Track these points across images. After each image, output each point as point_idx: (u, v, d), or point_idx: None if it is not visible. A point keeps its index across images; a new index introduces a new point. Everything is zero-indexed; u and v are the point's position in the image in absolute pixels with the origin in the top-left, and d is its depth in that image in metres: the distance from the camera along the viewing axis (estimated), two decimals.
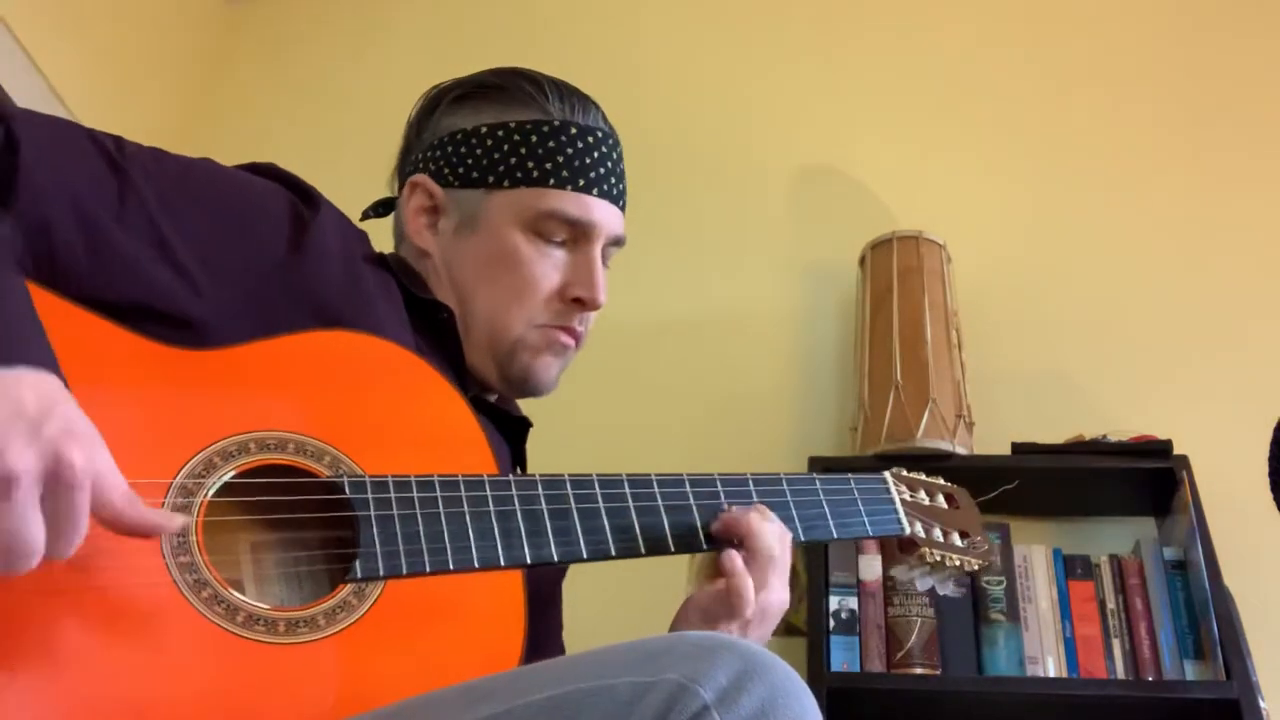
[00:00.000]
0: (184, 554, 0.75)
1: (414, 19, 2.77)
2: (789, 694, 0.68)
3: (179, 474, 0.78)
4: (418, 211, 1.15)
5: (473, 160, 1.12)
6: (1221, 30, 2.47)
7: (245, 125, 2.65)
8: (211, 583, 0.75)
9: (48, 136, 0.83)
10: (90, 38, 2.39)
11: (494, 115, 1.13)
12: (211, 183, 0.95)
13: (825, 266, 2.31)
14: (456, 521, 0.86)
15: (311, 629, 0.77)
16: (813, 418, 2.17)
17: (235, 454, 0.81)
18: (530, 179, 1.10)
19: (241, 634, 0.75)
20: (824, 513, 1.08)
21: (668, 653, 0.69)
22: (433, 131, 1.18)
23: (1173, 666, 1.75)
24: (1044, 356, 2.17)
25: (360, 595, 0.81)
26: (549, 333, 1.12)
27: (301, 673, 0.76)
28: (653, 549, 0.96)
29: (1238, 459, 1.77)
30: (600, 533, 0.93)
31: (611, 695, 0.66)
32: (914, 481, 1.22)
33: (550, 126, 1.12)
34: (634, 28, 2.67)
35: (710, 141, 2.49)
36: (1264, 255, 2.22)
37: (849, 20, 2.60)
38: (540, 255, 1.10)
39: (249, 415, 0.82)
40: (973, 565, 1.18)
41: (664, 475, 1.00)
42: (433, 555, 0.84)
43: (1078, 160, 2.37)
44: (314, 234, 0.96)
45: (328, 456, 0.84)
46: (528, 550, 0.88)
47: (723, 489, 1.03)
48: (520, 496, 0.90)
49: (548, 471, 0.96)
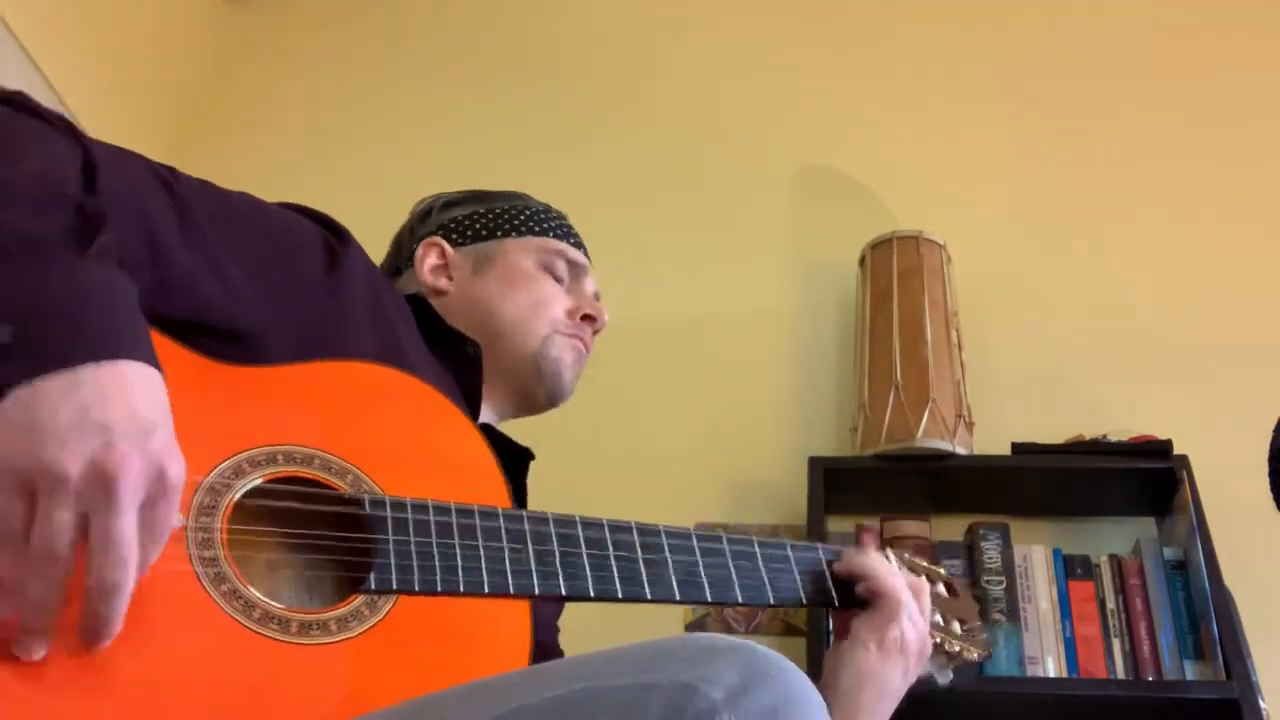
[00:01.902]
0: (208, 548, 0.78)
1: (415, 19, 2.77)
2: (798, 698, 0.68)
3: (209, 474, 0.81)
4: (435, 269, 1.28)
5: (480, 224, 1.30)
6: (1222, 30, 2.47)
7: (245, 125, 2.65)
8: (231, 578, 0.78)
9: (112, 157, 0.86)
10: (90, 38, 2.39)
11: (486, 205, 1.32)
12: (254, 209, 1.00)
13: (825, 266, 2.31)
14: (469, 547, 0.89)
15: (323, 632, 0.80)
16: (813, 418, 2.17)
17: (264, 463, 0.84)
18: (534, 231, 1.29)
19: (256, 630, 0.77)
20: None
21: (677, 653, 0.69)
22: (427, 228, 1.32)
23: (1173, 666, 1.75)
24: (1044, 356, 2.17)
25: (372, 606, 0.83)
26: (568, 338, 1.26)
27: (311, 673, 0.78)
28: (659, 598, 0.99)
29: (1238, 459, 1.77)
30: (606, 570, 0.96)
31: (620, 695, 0.66)
32: (916, 565, 1.21)
33: (536, 207, 1.33)
34: (634, 31, 2.67)
35: (710, 142, 2.49)
36: (1264, 255, 2.22)
37: (849, 21, 2.61)
38: (550, 283, 1.27)
39: (279, 429, 0.86)
40: (972, 654, 1.17)
41: (672, 528, 1.02)
42: (444, 575, 0.87)
43: (1078, 160, 2.37)
44: (345, 266, 1.02)
45: (350, 475, 0.88)
46: (536, 582, 0.91)
47: (760, 550, 1.06)
48: (533, 532, 0.94)
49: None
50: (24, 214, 0.72)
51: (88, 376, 0.68)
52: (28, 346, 0.67)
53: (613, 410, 2.18)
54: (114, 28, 2.47)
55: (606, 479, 2.08)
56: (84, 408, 0.66)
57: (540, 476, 1.19)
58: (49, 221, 0.73)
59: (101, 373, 0.68)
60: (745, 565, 1.03)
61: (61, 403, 0.66)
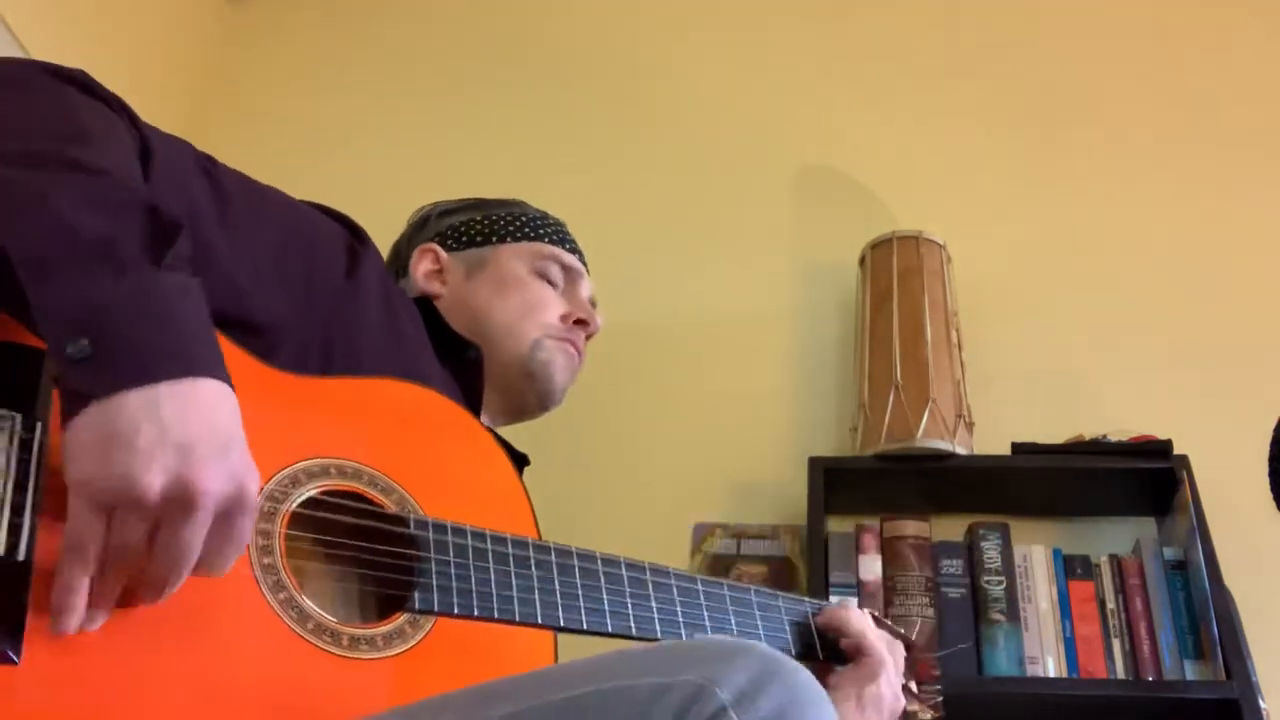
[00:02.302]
0: (267, 555, 0.81)
1: (415, 19, 2.77)
2: (807, 699, 0.68)
3: (269, 482, 0.83)
4: (429, 274, 1.29)
5: (475, 230, 1.31)
6: (1223, 30, 2.47)
7: (245, 125, 2.65)
8: (289, 586, 0.81)
9: (163, 144, 0.88)
10: (90, 38, 2.39)
11: (483, 213, 1.35)
12: (286, 206, 1.02)
13: (825, 266, 2.31)
14: (503, 576, 0.93)
15: (372, 648, 0.83)
16: (813, 418, 2.17)
17: (319, 475, 0.87)
18: (529, 237, 1.31)
19: (309, 639, 0.80)
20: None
21: (687, 654, 0.70)
22: (424, 236, 1.34)
23: (1173, 666, 1.75)
24: (1044, 356, 2.17)
25: (415, 625, 0.87)
26: (559, 342, 1.27)
27: (359, 686, 0.81)
28: (668, 636, 1.04)
29: (1238, 459, 1.77)
30: (623, 609, 1.00)
31: (630, 696, 0.66)
32: (881, 623, 1.22)
33: (535, 213, 1.35)
34: (634, 31, 2.67)
35: (710, 142, 2.49)
36: (1264, 255, 2.22)
37: (849, 21, 2.60)
38: (543, 288, 1.29)
39: (332, 442, 0.90)
40: (925, 715, 1.19)
41: (681, 573, 1.08)
42: (480, 601, 0.91)
43: (1078, 160, 2.37)
44: (363, 268, 1.04)
45: (395, 494, 0.91)
46: (561, 615, 0.95)
47: (756, 599, 1.13)
48: (559, 565, 0.98)
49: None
50: (100, 217, 0.71)
51: (166, 392, 0.67)
52: (106, 360, 0.66)
53: (612, 410, 2.18)
54: (114, 28, 2.47)
55: (606, 479, 2.08)
56: (165, 427, 0.66)
57: (541, 476, 1.19)
58: (125, 225, 0.72)
59: (180, 390, 0.68)
60: (742, 613, 1.09)
61: (143, 420, 0.66)
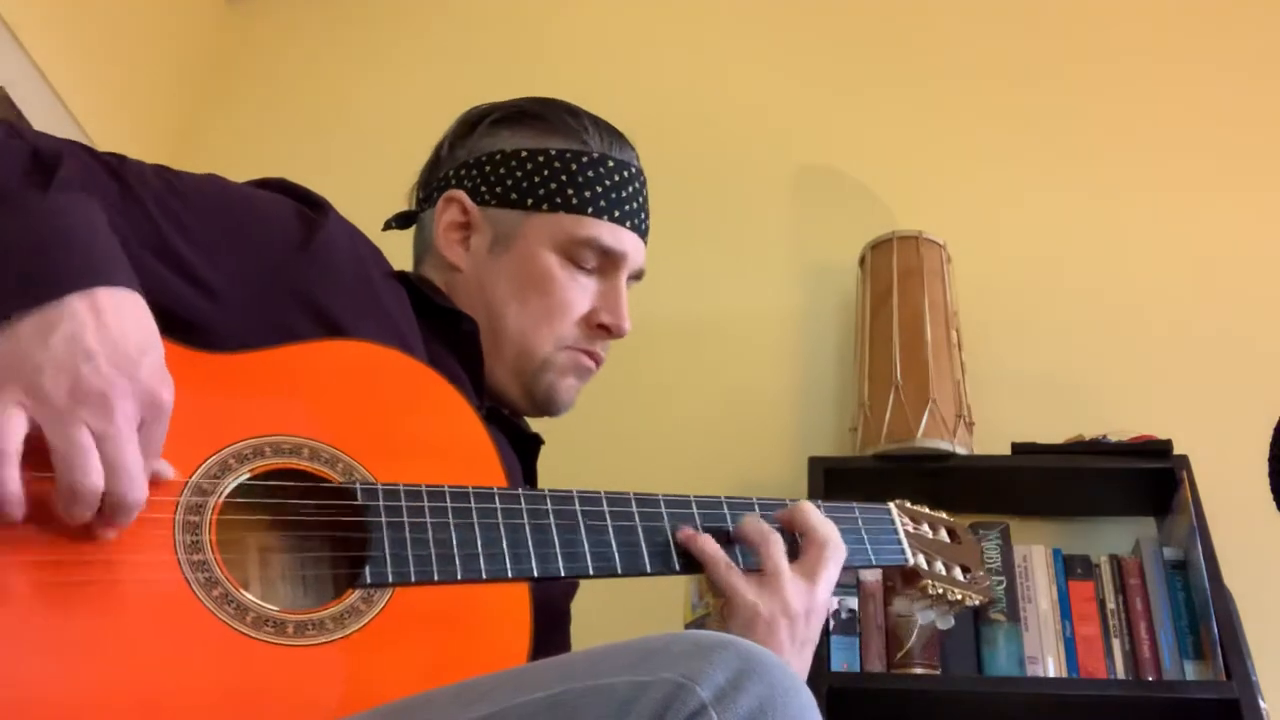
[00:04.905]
0: (196, 552, 0.76)
1: (416, 20, 2.77)
2: (787, 693, 0.67)
3: (195, 474, 0.79)
4: (451, 226, 1.17)
5: (512, 181, 1.15)
6: (1224, 31, 2.47)
7: (245, 126, 2.65)
8: (223, 582, 0.76)
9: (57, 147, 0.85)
10: (90, 38, 2.39)
11: (534, 141, 1.17)
12: (212, 192, 0.97)
13: (825, 266, 2.31)
14: (465, 532, 0.87)
15: (320, 632, 0.78)
16: (813, 418, 2.17)
17: (250, 457, 0.82)
18: (569, 205, 1.14)
19: (250, 634, 0.75)
20: None
21: (665, 651, 0.68)
22: (468, 150, 1.20)
23: (1173, 666, 1.75)
24: (1044, 356, 2.17)
25: (369, 601, 0.81)
26: (575, 355, 1.17)
27: (308, 674, 0.76)
28: (659, 568, 0.97)
29: (1238, 459, 1.77)
30: (607, 548, 0.94)
31: (608, 695, 0.66)
32: (917, 514, 1.21)
33: (589, 158, 1.16)
34: (634, 32, 2.67)
35: (710, 142, 2.49)
36: (1264, 255, 2.22)
37: (850, 20, 2.60)
38: (572, 280, 1.15)
39: (264, 419, 0.84)
40: (974, 600, 1.19)
41: (671, 496, 1.01)
42: (441, 565, 0.84)
43: (1078, 160, 2.37)
44: (320, 239, 0.97)
45: (340, 464, 0.85)
46: (535, 563, 0.89)
47: (728, 510, 1.04)
48: (529, 510, 0.91)
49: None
50: None
51: (75, 306, 0.70)
52: (13, 285, 0.69)
53: (612, 410, 2.18)
54: (114, 28, 2.47)
55: (606, 479, 2.07)
56: (72, 337, 0.69)
57: (540, 477, 1.19)
58: (6, 168, 0.75)
59: (88, 300, 0.71)
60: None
61: (51, 333, 0.69)
